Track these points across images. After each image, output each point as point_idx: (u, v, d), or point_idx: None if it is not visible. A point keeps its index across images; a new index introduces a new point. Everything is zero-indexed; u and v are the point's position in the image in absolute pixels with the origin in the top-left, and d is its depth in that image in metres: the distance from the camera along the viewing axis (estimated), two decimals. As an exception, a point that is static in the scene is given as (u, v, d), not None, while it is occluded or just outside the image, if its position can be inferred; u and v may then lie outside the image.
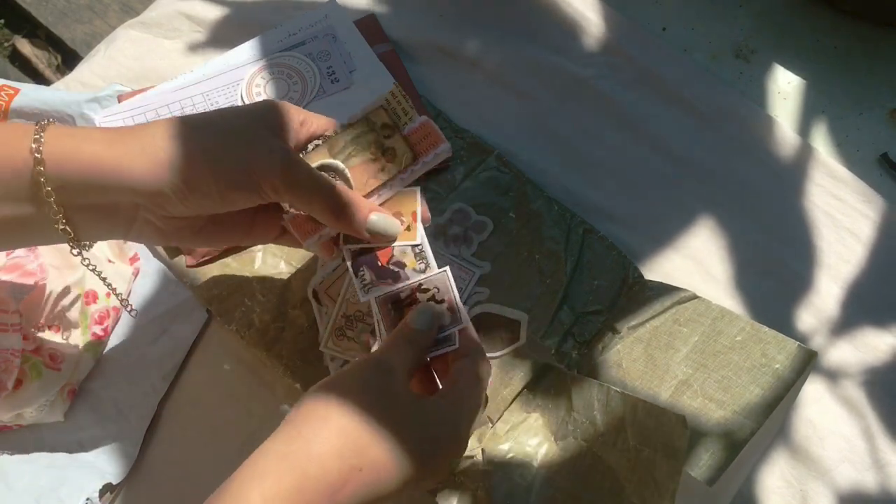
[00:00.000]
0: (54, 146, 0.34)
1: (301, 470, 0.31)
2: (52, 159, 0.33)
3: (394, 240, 0.41)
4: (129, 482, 0.51)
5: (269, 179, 0.36)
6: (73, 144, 0.34)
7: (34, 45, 1.34)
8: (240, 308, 0.53)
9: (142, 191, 0.35)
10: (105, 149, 0.34)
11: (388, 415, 0.34)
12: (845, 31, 0.63)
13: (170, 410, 0.53)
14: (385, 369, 0.36)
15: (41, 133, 0.34)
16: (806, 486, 0.50)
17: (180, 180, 0.34)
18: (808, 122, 0.60)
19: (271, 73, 0.60)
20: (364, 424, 0.33)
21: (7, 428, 0.52)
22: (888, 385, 0.52)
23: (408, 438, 0.34)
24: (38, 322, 0.50)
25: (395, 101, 0.42)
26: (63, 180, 0.34)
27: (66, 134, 0.34)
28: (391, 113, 0.42)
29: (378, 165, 0.41)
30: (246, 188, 0.36)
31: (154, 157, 0.34)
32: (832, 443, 0.50)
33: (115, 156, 0.34)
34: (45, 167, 0.33)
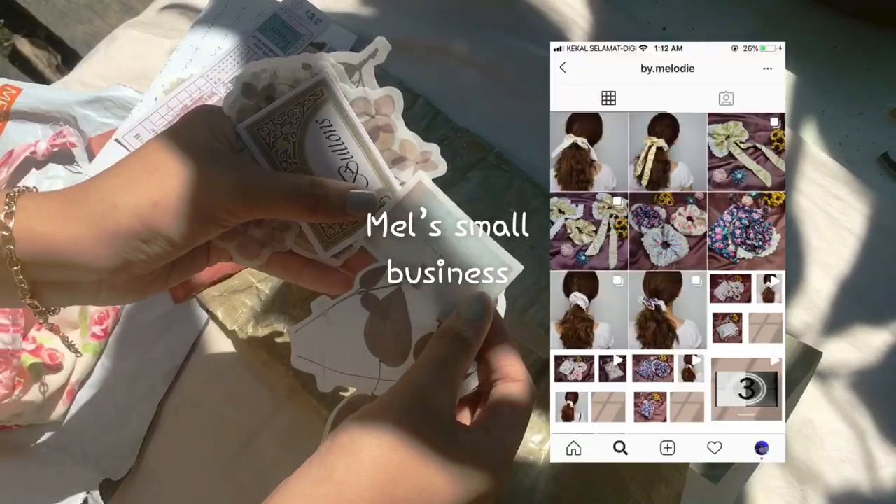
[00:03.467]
0: (23, 222, 0.33)
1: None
2: (22, 237, 0.32)
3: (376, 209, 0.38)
4: (129, 482, 0.51)
5: (223, 206, 0.34)
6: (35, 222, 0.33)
7: (34, 44, 1.34)
8: (240, 309, 0.53)
9: (99, 269, 0.34)
10: (58, 228, 0.33)
11: (423, 454, 0.31)
12: (845, 31, 0.63)
13: (170, 410, 0.53)
14: (420, 402, 0.33)
15: (12, 206, 0.33)
16: (806, 485, 0.50)
17: (136, 245, 0.33)
18: (809, 121, 0.60)
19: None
20: (397, 468, 0.31)
21: (6, 428, 0.52)
22: (889, 385, 0.52)
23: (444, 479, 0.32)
24: (37, 322, 0.50)
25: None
26: (28, 258, 0.33)
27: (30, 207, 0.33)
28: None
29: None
30: (203, 224, 0.34)
31: (105, 232, 0.33)
32: (832, 443, 0.50)
33: (68, 236, 0.33)
34: (17, 245, 0.32)
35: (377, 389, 0.39)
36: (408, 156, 0.38)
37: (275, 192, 0.35)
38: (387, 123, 0.38)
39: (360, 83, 0.39)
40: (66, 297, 0.36)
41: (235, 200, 0.34)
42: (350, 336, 0.39)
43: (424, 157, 0.38)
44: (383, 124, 0.38)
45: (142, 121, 0.59)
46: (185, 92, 0.60)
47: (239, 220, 0.36)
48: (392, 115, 0.38)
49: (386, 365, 0.39)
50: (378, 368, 0.39)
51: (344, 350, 0.39)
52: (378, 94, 0.38)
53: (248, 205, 0.35)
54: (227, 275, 0.54)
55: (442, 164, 0.38)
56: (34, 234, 0.33)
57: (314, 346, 0.39)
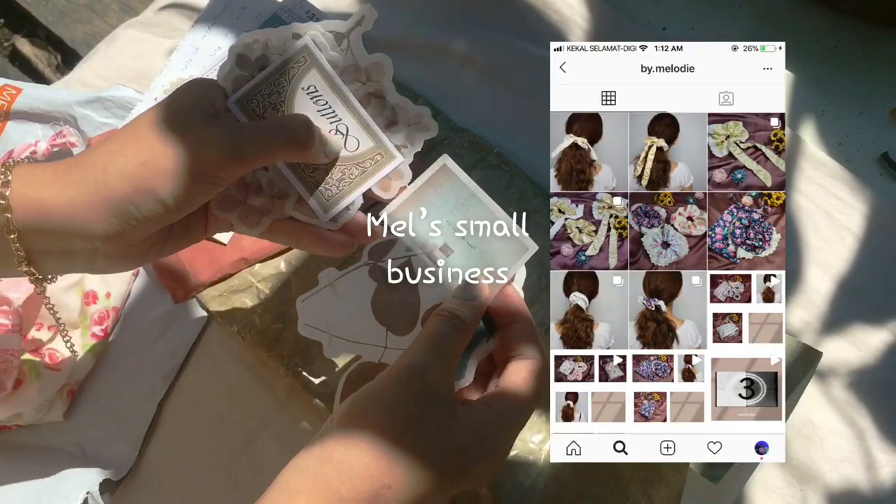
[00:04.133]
0: (19, 190, 0.33)
1: (333, 491, 0.31)
2: (17, 204, 0.33)
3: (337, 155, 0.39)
4: (129, 482, 0.51)
5: (213, 162, 0.35)
6: (30, 189, 0.33)
7: (34, 44, 1.34)
8: (240, 309, 0.53)
9: (92, 236, 0.34)
10: (52, 194, 0.34)
11: (419, 429, 0.33)
12: (845, 31, 0.63)
13: (170, 410, 0.53)
14: (418, 376, 0.34)
15: (8, 175, 0.33)
16: (806, 485, 0.50)
17: (128, 210, 0.34)
18: (808, 121, 0.60)
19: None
20: (393, 443, 0.32)
21: (6, 428, 0.52)
22: (887, 384, 0.52)
23: (440, 454, 0.33)
24: (37, 322, 0.50)
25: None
26: (23, 225, 0.33)
27: (26, 176, 0.34)
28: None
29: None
30: (196, 183, 0.35)
31: (97, 197, 0.34)
32: (832, 443, 0.50)
33: (61, 202, 0.33)
34: (13, 213, 0.33)
35: (384, 357, 0.40)
36: (399, 119, 0.39)
37: (260, 135, 0.36)
38: (378, 90, 0.39)
39: (348, 51, 0.39)
40: (62, 264, 0.36)
41: (224, 153, 0.35)
42: (357, 306, 0.40)
43: (416, 120, 0.39)
44: (374, 90, 0.39)
45: (142, 121, 0.59)
46: (185, 92, 0.60)
47: (230, 176, 0.36)
48: (382, 80, 0.39)
49: (393, 334, 0.40)
50: (385, 337, 0.40)
51: (350, 319, 0.40)
52: (368, 60, 0.39)
53: (237, 156, 0.35)
54: (227, 275, 0.54)
55: (433, 126, 0.39)
56: (29, 200, 0.33)
57: (320, 314, 0.40)
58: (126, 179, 0.34)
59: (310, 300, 0.41)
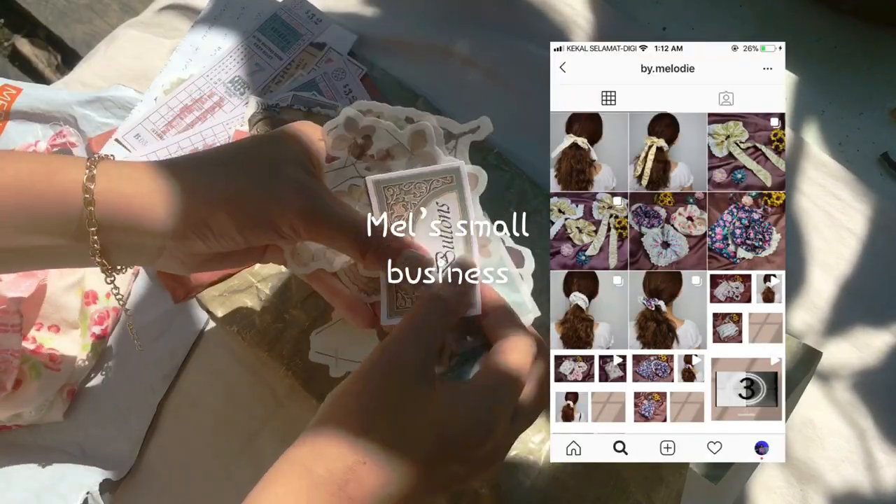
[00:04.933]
0: (102, 185, 0.34)
1: (308, 470, 0.31)
2: (101, 199, 0.34)
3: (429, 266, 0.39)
4: (128, 482, 0.51)
5: (287, 221, 0.36)
6: (114, 185, 0.35)
7: (34, 44, 1.34)
8: (240, 309, 0.53)
9: (166, 235, 0.36)
10: (137, 192, 0.35)
11: (391, 407, 0.33)
12: (845, 31, 0.63)
13: (170, 410, 0.53)
14: (389, 356, 0.34)
15: (93, 170, 0.35)
16: (806, 485, 0.50)
17: (201, 226, 0.36)
18: (808, 121, 0.60)
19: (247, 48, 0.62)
20: (365, 422, 0.33)
21: (6, 428, 0.52)
22: (888, 385, 0.52)
23: (416, 432, 0.33)
24: (37, 322, 0.50)
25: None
26: (103, 219, 0.35)
27: (111, 171, 0.35)
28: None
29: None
30: (266, 230, 0.36)
31: (176, 203, 0.35)
32: (832, 443, 0.50)
33: (146, 202, 0.35)
34: (95, 207, 0.34)
35: None
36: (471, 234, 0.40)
37: (338, 230, 0.37)
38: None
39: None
40: (130, 258, 0.38)
41: (300, 221, 0.36)
42: (364, 335, 0.42)
43: (482, 244, 0.40)
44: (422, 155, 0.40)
45: (142, 121, 0.59)
46: (185, 92, 0.60)
47: (300, 239, 0.38)
48: (426, 148, 0.40)
49: None
50: None
51: (357, 344, 0.42)
52: (410, 131, 0.40)
53: (311, 231, 0.37)
54: (227, 275, 0.54)
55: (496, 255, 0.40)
56: (112, 196, 0.35)
57: (330, 343, 0.43)
58: (207, 208, 0.35)
59: (323, 332, 0.43)
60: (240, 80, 0.61)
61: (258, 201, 0.36)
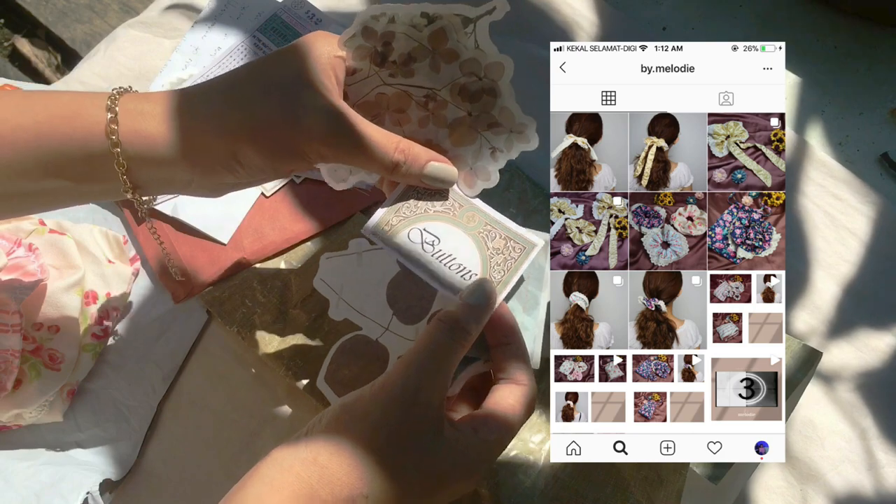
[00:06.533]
0: (126, 125, 0.35)
1: (314, 492, 0.32)
2: (125, 140, 0.35)
3: (452, 184, 0.39)
4: (128, 482, 0.51)
5: (314, 148, 0.36)
6: (138, 124, 0.35)
7: (34, 44, 1.34)
8: (240, 309, 0.53)
9: (195, 171, 0.36)
10: (160, 129, 0.35)
11: (403, 448, 0.33)
12: (845, 31, 0.63)
13: (170, 410, 0.53)
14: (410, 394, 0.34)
15: (115, 109, 0.35)
16: (806, 485, 0.50)
17: (229, 160, 0.36)
18: (809, 121, 0.60)
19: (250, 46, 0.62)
20: (377, 457, 0.33)
21: (6, 428, 0.52)
22: (888, 385, 0.52)
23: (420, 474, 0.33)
24: (37, 322, 0.50)
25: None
26: (129, 160, 0.35)
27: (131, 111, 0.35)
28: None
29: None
30: (293, 158, 0.36)
31: (202, 139, 0.35)
32: (832, 443, 0.50)
33: (169, 141, 0.35)
34: (122, 147, 0.35)
35: (382, 338, 0.41)
36: (504, 123, 0.39)
37: (365, 151, 0.37)
38: (491, 87, 0.39)
39: (472, 35, 0.39)
40: (161, 189, 0.38)
41: (327, 148, 0.36)
42: (374, 281, 0.41)
43: (520, 129, 0.39)
44: (488, 87, 0.39)
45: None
46: (185, 92, 0.60)
47: (326, 162, 0.38)
48: (500, 80, 0.39)
49: (398, 320, 0.40)
50: (389, 320, 0.41)
51: (363, 290, 0.41)
52: (490, 58, 0.39)
53: (338, 155, 0.37)
54: (227, 275, 0.54)
55: (534, 140, 0.39)
56: (136, 135, 0.35)
57: (338, 275, 0.42)
58: (233, 138, 0.35)
59: (334, 259, 0.42)
60: (240, 80, 0.61)
61: (283, 132, 0.36)
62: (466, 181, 0.40)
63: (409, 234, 0.39)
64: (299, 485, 0.32)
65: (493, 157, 0.40)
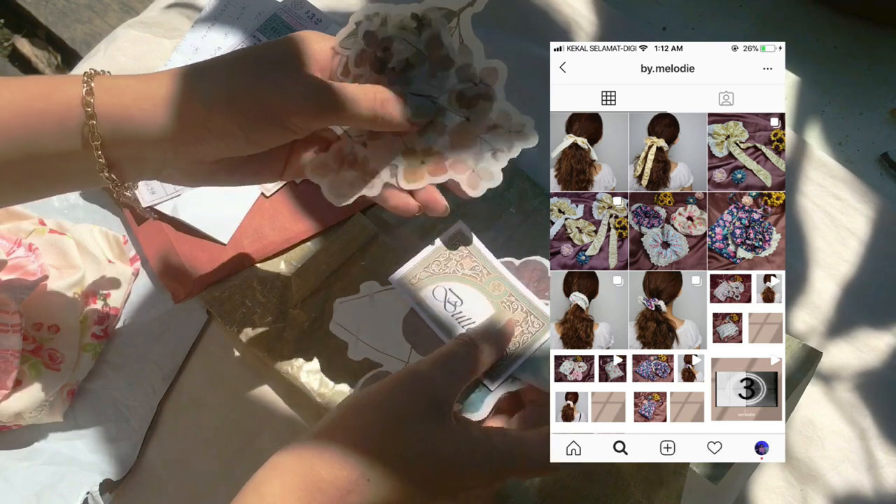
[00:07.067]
0: (101, 98, 0.34)
1: (314, 471, 0.32)
2: (101, 112, 0.34)
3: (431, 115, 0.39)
4: (128, 482, 0.51)
5: (296, 112, 0.35)
6: (113, 97, 0.35)
7: (34, 44, 1.34)
8: (240, 309, 0.53)
9: (165, 140, 0.35)
10: (136, 102, 0.35)
11: (407, 431, 0.34)
12: (845, 31, 0.63)
13: (170, 410, 0.53)
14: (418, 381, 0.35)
15: (91, 83, 0.34)
16: (806, 485, 0.50)
17: (200, 127, 0.35)
18: (809, 121, 0.60)
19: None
20: (380, 438, 0.33)
21: (6, 428, 0.52)
22: (888, 385, 0.52)
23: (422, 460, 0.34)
24: (37, 322, 0.50)
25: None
26: (105, 133, 0.35)
27: (108, 84, 0.35)
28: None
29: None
30: (271, 126, 0.36)
31: (174, 106, 0.35)
32: (832, 443, 0.50)
33: (145, 110, 0.35)
34: (97, 120, 0.34)
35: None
36: (503, 125, 0.40)
37: (342, 103, 0.36)
38: (488, 93, 0.40)
39: (456, 29, 0.39)
40: (135, 171, 0.37)
41: (303, 106, 0.35)
42: (389, 320, 0.42)
43: (518, 129, 0.40)
44: (483, 92, 0.40)
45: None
46: (185, 92, 0.60)
47: (309, 129, 0.37)
48: (494, 85, 0.40)
49: (417, 352, 0.41)
50: (409, 354, 0.42)
51: (380, 329, 0.42)
52: (484, 64, 0.39)
53: (320, 112, 0.36)
54: (227, 275, 0.54)
55: (533, 138, 0.40)
56: (111, 108, 0.34)
57: (353, 318, 0.43)
58: (205, 106, 0.35)
59: (347, 304, 0.43)
60: (240, 80, 0.61)
61: (257, 96, 0.35)
62: (470, 183, 0.40)
63: (433, 291, 0.40)
64: (300, 463, 0.33)
65: (495, 158, 0.40)
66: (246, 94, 0.35)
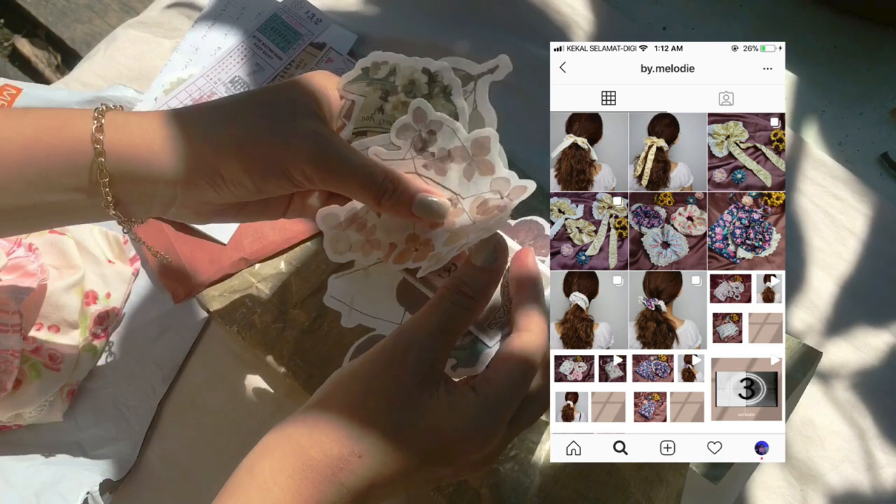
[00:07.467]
0: (111, 136, 0.34)
1: (304, 451, 0.32)
2: (110, 150, 0.34)
3: (443, 220, 0.37)
4: (128, 482, 0.51)
5: (299, 168, 0.35)
6: (123, 135, 0.35)
7: (34, 44, 1.34)
8: (240, 309, 0.53)
9: (177, 183, 0.35)
10: (146, 141, 0.35)
11: (394, 403, 0.33)
12: (845, 31, 0.63)
13: (170, 410, 0.53)
14: (402, 352, 0.34)
15: (101, 120, 0.34)
16: (806, 485, 0.50)
17: (212, 173, 0.35)
18: (808, 121, 0.61)
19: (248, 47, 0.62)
20: (367, 413, 0.33)
21: (6, 428, 0.52)
22: (888, 385, 0.52)
23: (413, 431, 0.33)
24: (37, 322, 0.50)
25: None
26: (114, 170, 0.35)
27: (119, 122, 0.35)
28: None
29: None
30: (277, 178, 0.36)
31: (186, 150, 0.35)
32: (832, 443, 0.50)
33: (155, 150, 0.35)
34: (106, 158, 0.34)
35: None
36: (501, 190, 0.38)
37: (351, 175, 0.36)
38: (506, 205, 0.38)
39: (472, 94, 0.39)
40: (143, 208, 0.37)
41: (312, 168, 0.35)
42: (383, 288, 0.42)
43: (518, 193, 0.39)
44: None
45: (142, 121, 0.59)
46: (185, 92, 0.60)
47: (312, 187, 0.37)
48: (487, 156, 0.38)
49: (410, 313, 0.41)
50: (402, 316, 0.41)
51: (373, 297, 0.42)
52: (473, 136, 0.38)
53: (323, 177, 0.36)
54: (227, 275, 0.54)
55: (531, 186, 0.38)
56: (121, 146, 0.34)
57: (347, 290, 0.42)
58: (217, 151, 0.35)
59: (342, 278, 0.42)
60: (240, 80, 0.61)
61: (269, 148, 0.35)
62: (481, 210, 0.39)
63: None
64: (289, 443, 0.32)
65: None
66: (255, 146, 0.35)
